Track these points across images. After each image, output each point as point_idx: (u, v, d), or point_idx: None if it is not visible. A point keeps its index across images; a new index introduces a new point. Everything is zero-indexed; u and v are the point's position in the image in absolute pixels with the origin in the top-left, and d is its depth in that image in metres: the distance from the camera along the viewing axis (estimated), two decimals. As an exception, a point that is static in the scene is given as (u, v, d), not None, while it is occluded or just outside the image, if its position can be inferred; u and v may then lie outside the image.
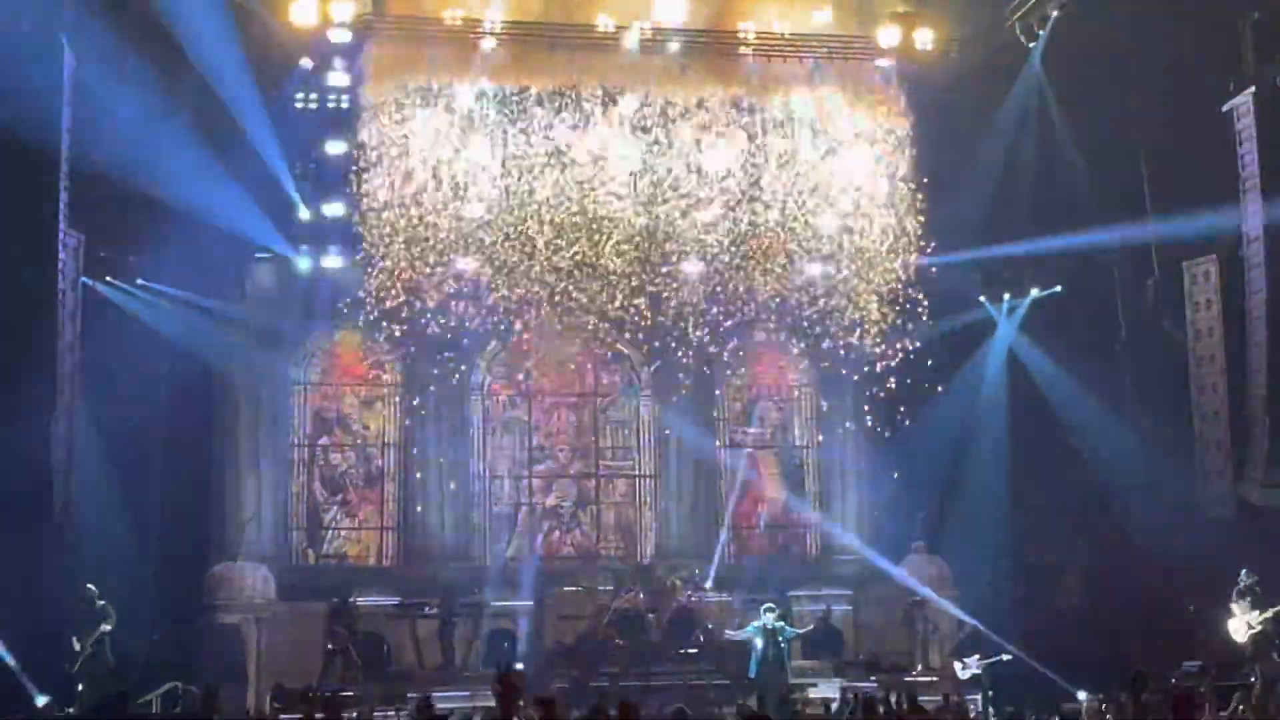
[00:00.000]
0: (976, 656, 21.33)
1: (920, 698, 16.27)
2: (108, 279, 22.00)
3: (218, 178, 20.86)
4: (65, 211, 19.33)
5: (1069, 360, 24.11)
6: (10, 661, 18.16)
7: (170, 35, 20.28)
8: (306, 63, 21.52)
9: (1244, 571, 19.77)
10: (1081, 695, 18.12)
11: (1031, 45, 22.45)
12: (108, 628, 19.47)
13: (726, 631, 21.68)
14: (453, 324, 22.30)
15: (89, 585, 19.58)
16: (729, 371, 25.55)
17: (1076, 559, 23.91)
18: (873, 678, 21.40)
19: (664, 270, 22.28)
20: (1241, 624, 19.47)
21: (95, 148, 19.58)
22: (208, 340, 22.88)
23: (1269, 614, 19.38)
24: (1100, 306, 23.79)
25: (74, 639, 19.32)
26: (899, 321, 22.74)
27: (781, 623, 20.82)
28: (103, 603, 19.56)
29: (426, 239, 21.55)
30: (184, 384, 22.51)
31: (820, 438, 25.86)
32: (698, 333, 23.10)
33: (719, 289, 22.66)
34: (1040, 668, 20.82)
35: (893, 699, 16.44)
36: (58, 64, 18.69)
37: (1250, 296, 21.08)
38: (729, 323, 23.17)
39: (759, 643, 20.48)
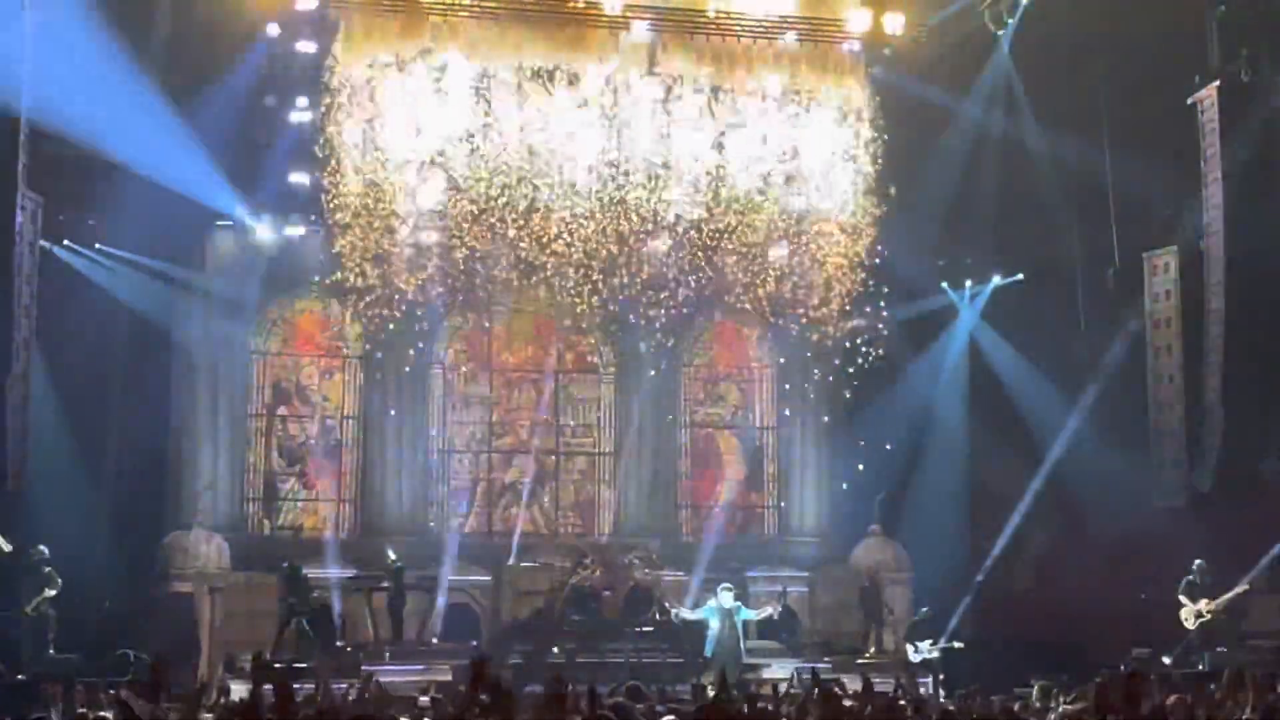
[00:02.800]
0: (929, 641, 21.49)
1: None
2: (66, 243, 21.79)
3: (180, 143, 20.66)
4: (24, 173, 19.11)
5: (1029, 348, 24.30)
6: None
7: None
8: (273, 29, 21.31)
9: (1197, 563, 20.02)
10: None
11: (1000, 33, 22.52)
12: (51, 593, 19.34)
13: (682, 610, 21.75)
14: (416, 296, 22.19)
15: (40, 547, 19.43)
16: (691, 351, 25.58)
17: (1031, 545, 24.10)
18: (826, 659, 21.52)
19: (628, 248, 22.24)
20: (1191, 613, 19.74)
21: (56, 110, 19.35)
22: (166, 307, 22.72)
23: (1217, 603, 19.66)
24: (1061, 295, 23.95)
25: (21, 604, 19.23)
26: (861, 305, 22.80)
27: (738, 603, 20.90)
28: (49, 569, 19.41)
29: (391, 210, 21.42)
30: (141, 351, 22.35)
31: (781, 419, 25.93)
32: (661, 311, 23.06)
33: (683, 268, 22.64)
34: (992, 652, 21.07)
35: (844, 680, 16.51)
36: (19, 25, 18.45)
37: (1209, 289, 21.28)
38: (692, 302, 23.16)
39: (715, 622, 20.55)
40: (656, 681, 17.18)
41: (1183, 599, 19.94)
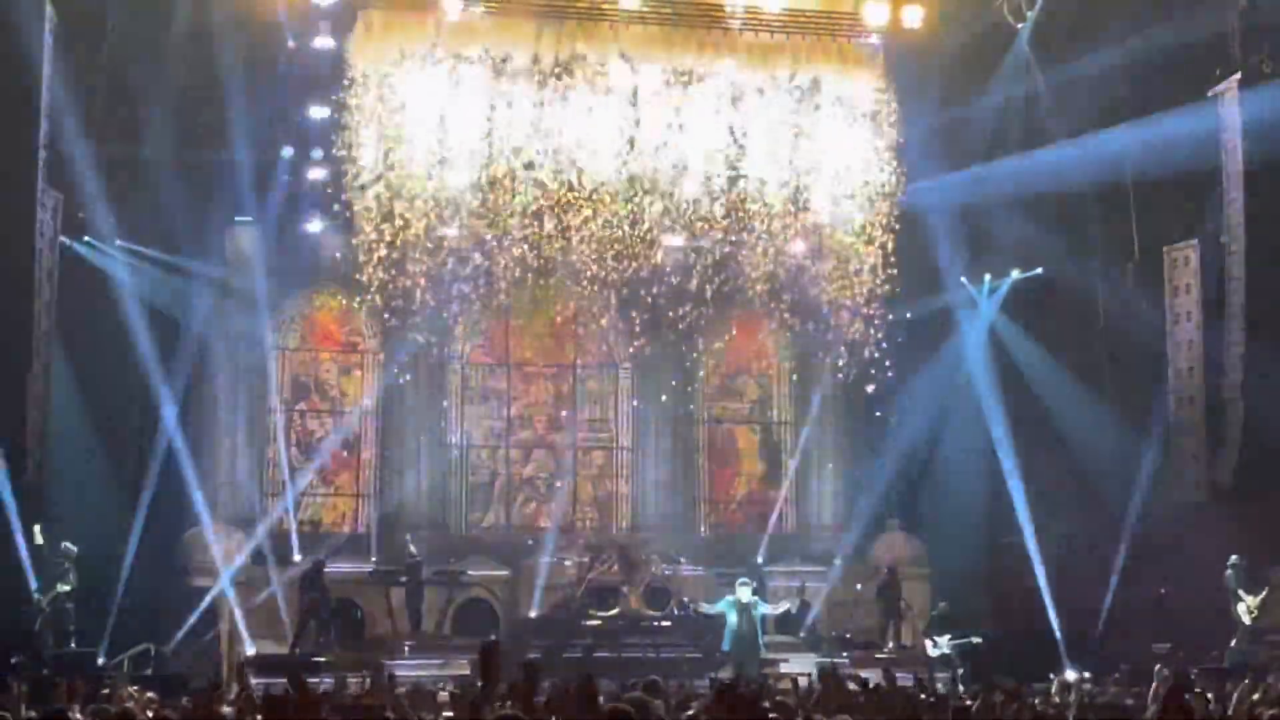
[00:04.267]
0: (948, 636, 21.45)
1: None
2: (86, 238, 21.86)
3: (200, 139, 20.71)
4: (44, 170, 19.19)
5: (1048, 342, 24.23)
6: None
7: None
8: (292, 25, 21.34)
9: (1234, 559, 19.91)
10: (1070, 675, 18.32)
11: (1020, 26, 22.44)
12: (65, 588, 19.42)
13: (701, 605, 21.75)
14: (433, 291, 22.21)
15: (67, 544, 19.51)
16: (709, 345, 25.55)
17: (1050, 539, 24.02)
18: (845, 654, 21.51)
19: (645, 242, 22.22)
20: (1245, 609, 19.66)
21: (76, 106, 19.43)
22: (186, 302, 22.80)
23: (1259, 599, 19.61)
24: (1080, 289, 23.86)
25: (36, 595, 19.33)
26: (880, 298, 22.73)
27: (756, 597, 20.89)
28: (67, 565, 19.48)
29: (409, 205, 21.43)
30: (161, 346, 22.40)
31: (799, 414, 25.89)
32: (679, 306, 23.04)
33: (701, 262, 22.62)
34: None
35: (862, 675, 16.52)
36: (39, 20, 18.52)
37: (1229, 283, 21.19)
38: (710, 296, 23.13)
39: (733, 617, 20.55)
40: (675, 676, 17.21)
41: (1242, 594, 19.82)
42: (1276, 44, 20.65)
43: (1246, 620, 19.67)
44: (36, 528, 19.33)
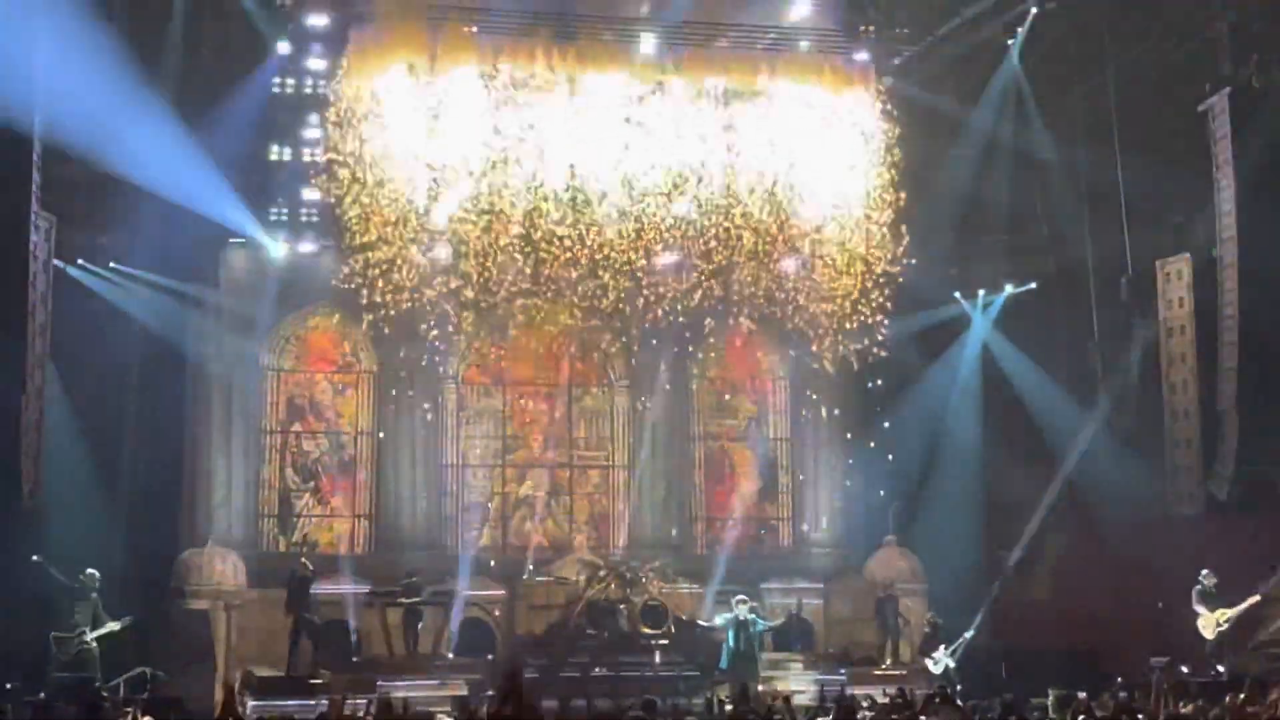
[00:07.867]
0: (943, 647, 21.43)
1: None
2: (80, 262, 21.87)
3: (193, 161, 20.72)
4: (37, 193, 19.19)
5: (1042, 356, 24.27)
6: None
7: (147, 16, 20.15)
8: (284, 47, 21.41)
9: (1204, 572, 19.93)
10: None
11: (1010, 42, 22.54)
12: (115, 626, 19.26)
13: (698, 623, 21.71)
14: (428, 311, 22.22)
15: (91, 571, 19.38)
16: (705, 363, 25.55)
17: (1047, 553, 24.03)
18: (842, 670, 21.49)
19: (641, 260, 22.25)
20: (1210, 623, 19.65)
21: (69, 129, 19.43)
22: (180, 325, 22.78)
23: (1233, 613, 19.56)
24: (1074, 303, 23.93)
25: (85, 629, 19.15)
26: (874, 315, 22.77)
27: (753, 615, 20.87)
28: (95, 595, 19.32)
29: (403, 225, 21.45)
30: (156, 368, 22.41)
31: (794, 431, 25.89)
32: (674, 323, 23.06)
33: (696, 280, 22.64)
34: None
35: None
36: (30, 43, 18.53)
37: (1222, 295, 21.25)
38: (705, 313, 23.16)
39: (730, 635, 20.52)
40: (673, 695, 17.18)
41: (1200, 609, 19.82)
42: (1265, 58, 20.75)
43: (1210, 634, 19.68)
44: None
